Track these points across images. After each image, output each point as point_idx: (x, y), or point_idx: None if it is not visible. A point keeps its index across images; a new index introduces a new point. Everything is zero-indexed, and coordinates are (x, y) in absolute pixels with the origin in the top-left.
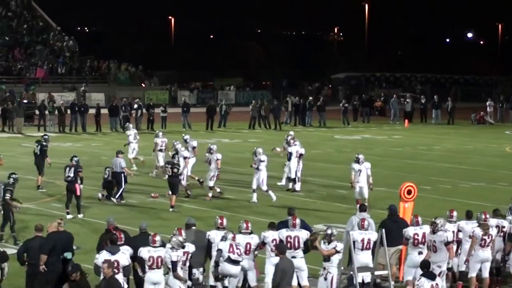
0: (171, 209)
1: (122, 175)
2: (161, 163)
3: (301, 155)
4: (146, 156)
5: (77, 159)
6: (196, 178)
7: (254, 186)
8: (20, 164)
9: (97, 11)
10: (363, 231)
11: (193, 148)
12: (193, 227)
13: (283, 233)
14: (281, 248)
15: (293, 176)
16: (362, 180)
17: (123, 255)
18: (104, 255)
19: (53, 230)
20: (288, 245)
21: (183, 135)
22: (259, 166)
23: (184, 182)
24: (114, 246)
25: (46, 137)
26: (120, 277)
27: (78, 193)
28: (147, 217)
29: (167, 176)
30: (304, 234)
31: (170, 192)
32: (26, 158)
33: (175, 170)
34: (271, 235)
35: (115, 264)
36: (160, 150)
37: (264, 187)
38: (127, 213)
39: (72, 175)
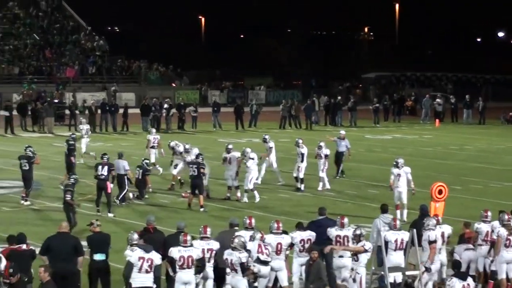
0: (201, 209)
1: (126, 177)
2: (152, 159)
3: (326, 155)
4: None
5: (107, 157)
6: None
7: (246, 187)
8: (51, 163)
9: (127, 10)
10: (396, 231)
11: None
12: (236, 228)
13: (333, 232)
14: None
15: (301, 176)
16: (402, 185)
17: (156, 255)
18: (138, 253)
19: (64, 231)
20: (338, 244)
21: (185, 144)
22: (247, 162)
23: (205, 182)
24: (147, 245)
25: (73, 136)
26: (150, 276)
27: (109, 191)
28: (178, 217)
29: (190, 175)
30: (351, 232)
31: (197, 192)
32: (58, 157)
33: (202, 170)
34: (298, 236)
35: (149, 263)
36: (153, 147)
37: (251, 186)
38: (158, 213)
39: (105, 173)
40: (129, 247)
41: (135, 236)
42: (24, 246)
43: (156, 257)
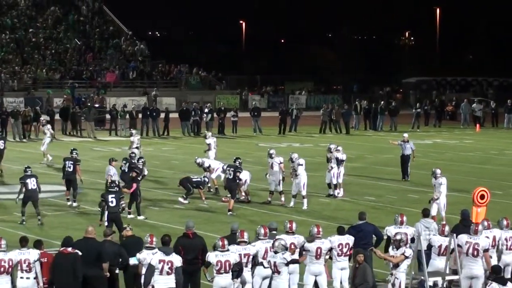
0: (229, 213)
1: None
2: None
3: (342, 161)
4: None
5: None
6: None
7: (294, 192)
8: (92, 167)
9: (168, 15)
10: (442, 237)
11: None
12: (274, 232)
13: (392, 230)
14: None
15: (335, 182)
16: (438, 195)
17: (177, 257)
18: (158, 256)
19: (90, 236)
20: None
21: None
22: (298, 170)
23: (245, 187)
24: (167, 247)
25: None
26: (172, 278)
27: (132, 190)
28: (218, 221)
29: (225, 178)
30: (411, 231)
31: (229, 196)
32: (98, 162)
33: (238, 174)
34: (337, 240)
35: (169, 265)
36: (137, 148)
37: (304, 192)
38: (199, 217)
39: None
40: (145, 250)
41: (149, 239)
42: (69, 249)
43: (176, 259)
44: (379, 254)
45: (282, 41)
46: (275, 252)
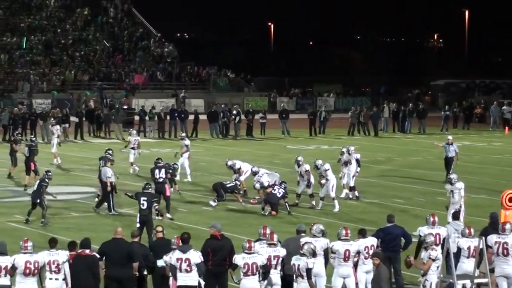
0: (263, 212)
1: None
2: (131, 159)
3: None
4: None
5: (164, 162)
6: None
7: (322, 195)
8: (119, 169)
9: (197, 17)
10: (469, 239)
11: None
12: (303, 234)
13: (424, 230)
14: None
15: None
16: (456, 201)
17: (195, 253)
18: (176, 254)
19: (118, 236)
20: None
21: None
22: (327, 176)
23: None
24: (185, 245)
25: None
26: (194, 274)
27: (168, 194)
28: (245, 223)
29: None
30: (443, 231)
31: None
32: (126, 163)
33: (287, 196)
34: (363, 243)
35: (187, 262)
36: (133, 148)
37: (333, 194)
38: (227, 219)
39: (163, 176)
40: (171, 252)
41: (176, 241)
42: (87, 251)
43: (194, 256)
44: (413, 262)
45: (311, 43)
46: (301, 255)
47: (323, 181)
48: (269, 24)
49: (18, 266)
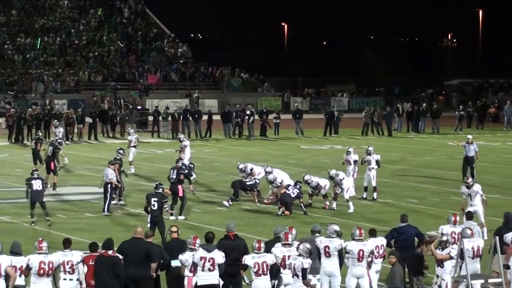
0: (279, 213)
1: (109, 185)
2: (131, 158)
3: (355, 161)
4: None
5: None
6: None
7: (346, 196)
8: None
9: (210, 18)
10: (471, 239)
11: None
12: (317, 234)
13: (447, 229)
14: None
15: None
16: (476, 203)
17: (219, 253)
18: (200, 253)
19: (138, 236)
20: (453, 240)
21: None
22: (342, 185)
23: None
24: (210, 244)
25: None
26: (214, 274)
27: (181, 194)
28: (259, 224)
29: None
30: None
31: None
32: (141, 164)
33: (301, 196)
34: (373, 242)
35: (211, 262)
36: (134, 147)
37: (347, 196)
38: (241, 219)
39: (175, 176)
40: (187, 252)
41: (192, 241)
42: (110, 252)
43: (218, 256)
44: (426, 250)
45: (324, 43)
46: (299, 255)
47: (338, 191)
48: (283, 24)
49: (32, 266)
